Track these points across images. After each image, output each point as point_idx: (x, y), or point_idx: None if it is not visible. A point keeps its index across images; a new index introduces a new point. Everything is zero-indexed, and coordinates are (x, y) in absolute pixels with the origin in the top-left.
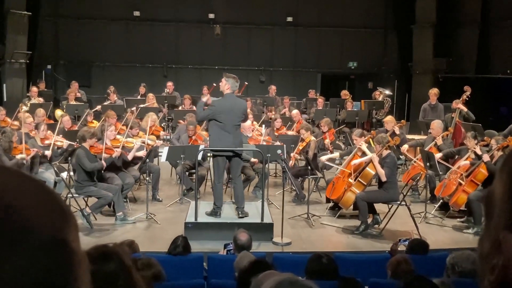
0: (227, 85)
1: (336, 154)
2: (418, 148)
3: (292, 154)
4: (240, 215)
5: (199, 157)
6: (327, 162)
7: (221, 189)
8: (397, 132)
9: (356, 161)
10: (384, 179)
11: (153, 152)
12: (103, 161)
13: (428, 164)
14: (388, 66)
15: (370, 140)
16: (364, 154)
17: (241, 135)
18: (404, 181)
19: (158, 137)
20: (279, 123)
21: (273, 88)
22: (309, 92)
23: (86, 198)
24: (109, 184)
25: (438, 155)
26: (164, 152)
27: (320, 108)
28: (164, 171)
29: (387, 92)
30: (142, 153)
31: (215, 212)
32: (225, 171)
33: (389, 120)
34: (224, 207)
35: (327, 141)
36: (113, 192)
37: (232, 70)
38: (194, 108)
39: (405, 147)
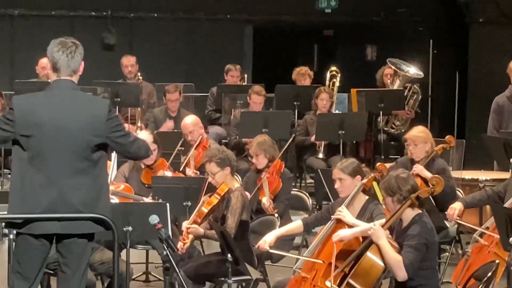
0: (49, 61)
1: (295, 225)
2: (489, 206)
3: (184, 225)
4: None
5: None
6: (272, 251)
7: None
8: (420, 172)
9: (343, 232)
10: (401, 275)
11: None
12: None
13: None
14: (412, 7)
15: (375, 185)
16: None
17: (96, 185)
18: (458, 284)
19: None
20: (153, 150)
21: (132, 64)
22: (228, 71)
23: None
24: None
25: None
26: None
27: (255, 110)
28: None
29: (412, 70)
30: None
31: None
32: (39, 275)
33: (418, 136)
34: None
35: (264, 199)
36: None
37: (27, 17)
38: None
39: (456, 206)
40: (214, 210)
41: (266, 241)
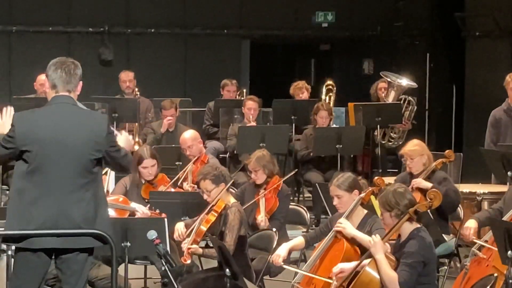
0: (48, 81)
1: (298, 240)
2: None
3: (183, 245)
4: None
5: None
6: (285, 266)
7: None
8: (419, 184)
9: (342, 265)
10: None
11: None
12: None
13: None
14: (409, 21)
15: (373, 200)
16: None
17: (95, 200)
18: None
19: None
20: (152, 165)
21: (130, 79)
22: (225, 86)
23: None
24: None
25: None
26: None
27: (251, 124)
28: None
29: (405, 81)
30: None
31: None
32: None
33: (413, 150)
34: None
35: (260, 217)
36: None
37: (24, 33)
38: None
39: (471, 225)
40: (212, 227)
41: (280, 255)
